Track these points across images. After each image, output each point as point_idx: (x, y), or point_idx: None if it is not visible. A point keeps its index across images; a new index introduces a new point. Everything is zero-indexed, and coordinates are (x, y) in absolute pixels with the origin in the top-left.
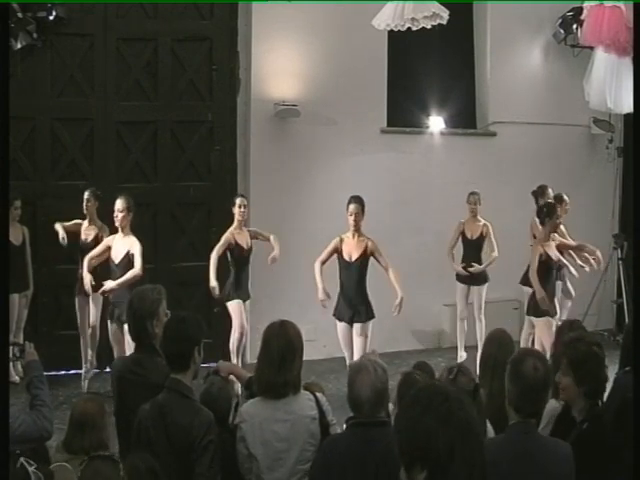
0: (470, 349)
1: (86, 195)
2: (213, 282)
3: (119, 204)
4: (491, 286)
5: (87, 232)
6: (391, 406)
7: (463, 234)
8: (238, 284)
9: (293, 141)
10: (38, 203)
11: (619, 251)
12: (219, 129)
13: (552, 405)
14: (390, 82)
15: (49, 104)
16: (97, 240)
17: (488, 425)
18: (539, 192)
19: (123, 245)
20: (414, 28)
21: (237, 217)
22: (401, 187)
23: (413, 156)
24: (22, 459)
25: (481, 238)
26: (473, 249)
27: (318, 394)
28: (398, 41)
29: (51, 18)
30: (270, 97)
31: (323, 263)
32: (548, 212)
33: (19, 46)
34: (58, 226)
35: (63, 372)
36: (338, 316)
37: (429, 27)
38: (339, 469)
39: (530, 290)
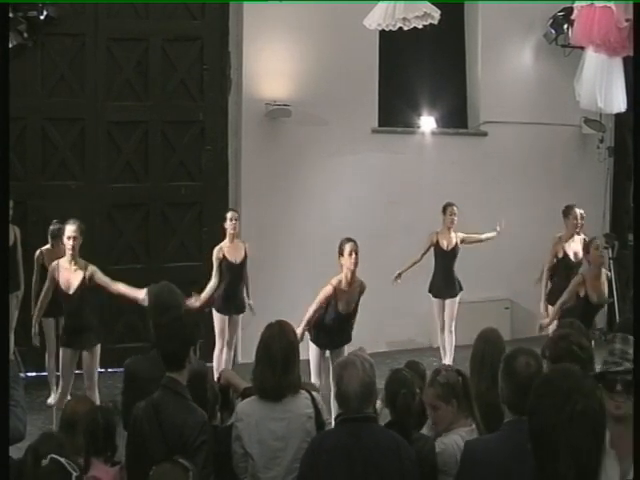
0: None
1: (69, 232)
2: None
3: (69, 231)
4: (482, 286)
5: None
6: (379, 403)
7: (437, 245)
8: (226, 297)
9: (284, 141)
10: (29, 203)
11: (610, 250)
12: (210, 129)
13: None
14: (381, 82)
15: (40, 104)
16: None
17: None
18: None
19: (75, 274)
20: (405, 28)
21: (229, 230)
22: (392, 187)
23: (404, 156)
24: (51, 456)
25: (456, 248)
26: (448, 259)
27: (314, 393)
28: (389, 41)
29: (42, 18)
30: (261, 97)
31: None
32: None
33: (9, 46)
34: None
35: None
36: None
37: (420, 27)
38: (327, 465)
39: None
